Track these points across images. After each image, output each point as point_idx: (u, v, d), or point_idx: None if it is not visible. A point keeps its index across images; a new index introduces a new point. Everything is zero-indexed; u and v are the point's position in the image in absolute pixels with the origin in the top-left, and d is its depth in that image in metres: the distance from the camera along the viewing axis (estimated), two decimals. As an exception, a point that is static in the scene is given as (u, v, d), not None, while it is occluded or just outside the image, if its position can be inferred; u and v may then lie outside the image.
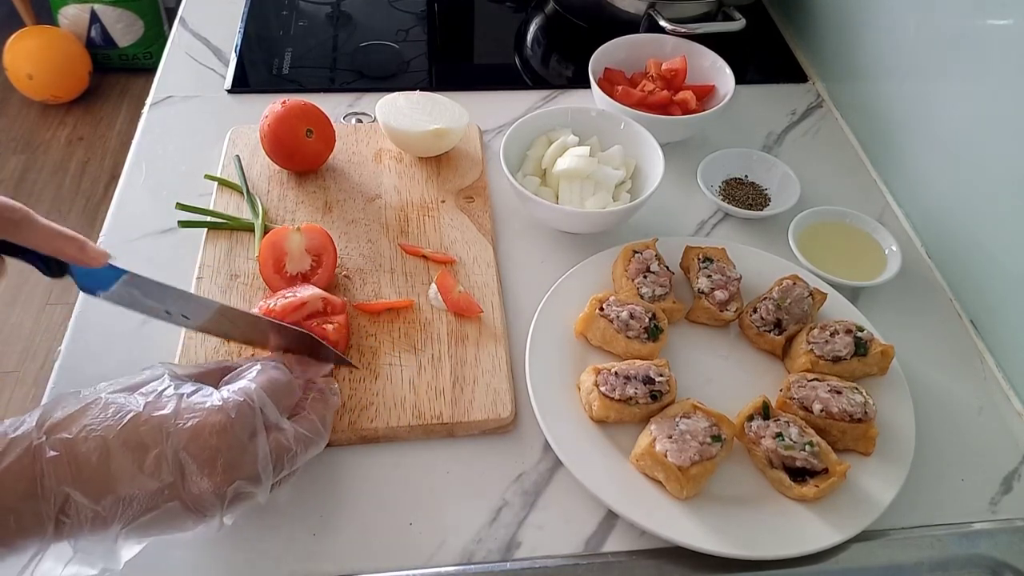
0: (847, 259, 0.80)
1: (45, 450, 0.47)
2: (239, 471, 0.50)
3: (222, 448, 0.49)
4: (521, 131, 0.83)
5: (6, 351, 1.84)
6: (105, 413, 0.49)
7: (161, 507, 0.48)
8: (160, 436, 0.48)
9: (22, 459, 0.46)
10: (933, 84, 0.83)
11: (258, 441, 0.51)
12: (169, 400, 0.50)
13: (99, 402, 0.50)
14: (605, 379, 0.65)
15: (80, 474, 0.47)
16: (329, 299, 0.69)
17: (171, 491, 0.48)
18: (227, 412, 0.50)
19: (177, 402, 0.50)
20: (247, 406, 0.51)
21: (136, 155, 0.89)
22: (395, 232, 0.81)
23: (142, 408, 0.49)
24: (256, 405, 0.52)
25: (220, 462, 0.49)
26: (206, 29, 1.08)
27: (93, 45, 2.45)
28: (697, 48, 0.96)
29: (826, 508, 0.61)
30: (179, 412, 0.50)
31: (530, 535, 0.61)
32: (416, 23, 1.13)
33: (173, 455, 0.48)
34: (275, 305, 0.66)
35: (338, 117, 0.95)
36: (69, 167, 2.29)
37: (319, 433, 0.57)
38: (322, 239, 0.74)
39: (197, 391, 0.52)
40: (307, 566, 0.59)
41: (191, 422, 0.49)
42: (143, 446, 0.48)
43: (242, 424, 0.51)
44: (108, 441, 0.48)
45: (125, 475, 0.47)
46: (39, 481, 0.46)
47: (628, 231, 0.83)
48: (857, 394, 0.65)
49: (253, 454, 0.51)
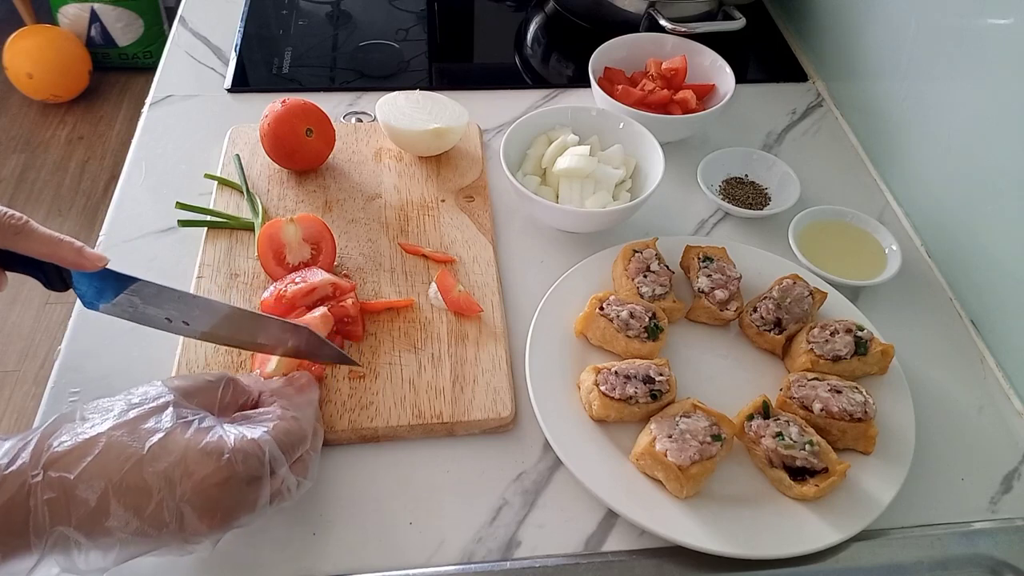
0: (847, 258, 0.80)
1: (43, 490, 0.46)
2: (236, 517, 0.50)
3: (224, 499, 0.49)
4: (521, 130, 0.83)
5: (6, 350, 1.84)
6: (108, 454, 0.47)
7: (155, 548, 0.48)
8: (164, 484, 0.47)
9: (15, 497, 0.45)
10: (933, 83, 0.83)
11: (260, 488, 0.51)
12: (177, 446, 0.49)
13: (100, 440, 0.48)
14: (605, 378, 0.65)
15: (77, 514, 0.46)
16: (338, 283, 0.70)
17: (168, 534, 0.48)
18: (234, 465, 0.49)
19: (184, 448, 0.49)
20: (256, 458, 0.50)
21: (136, 154, 0.89)
22: (395, 231, 0.81)
23: (146, 451, 0.48)
24: (265, 456, 0.51)
25: (220, 511, 0.49)
26: (206, 28, 1.08)
27: (93, 44, 2.45)
28: (697, 47, 0.96)
29: (826, 507, 0.61)
30: (186, 460, 0.48)
31: (530, 534, 0.61)
32: (416, 22, 1.13)
33: (175, 506, 0.48)
34: (286, 290, 0.67)
35: (338, 116, 0.95)
36: (69, 166, 2.29)
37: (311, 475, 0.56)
38: (318, 227, 0.74)
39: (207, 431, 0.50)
40: (307, 565, 0.59)
41: (198, 473, 0.48)
42: (146, 492, 0.47)
43: (247, 473, 0.50)
44: (110, 485, 0.47)
45: (124, 520, 0.47)
46: (31, 518, 0.45)
47: (628, 230, 0.83)
48: (857, 393, 0.65)
49: (253, 501, 0.50)
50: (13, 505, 0.45)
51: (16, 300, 1.92)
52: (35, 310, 1.91)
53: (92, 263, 0.56)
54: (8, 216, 0.53)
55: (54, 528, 0.46)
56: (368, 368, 0.68)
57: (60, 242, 0.55)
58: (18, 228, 0.53)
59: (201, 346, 0.69)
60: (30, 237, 0.54)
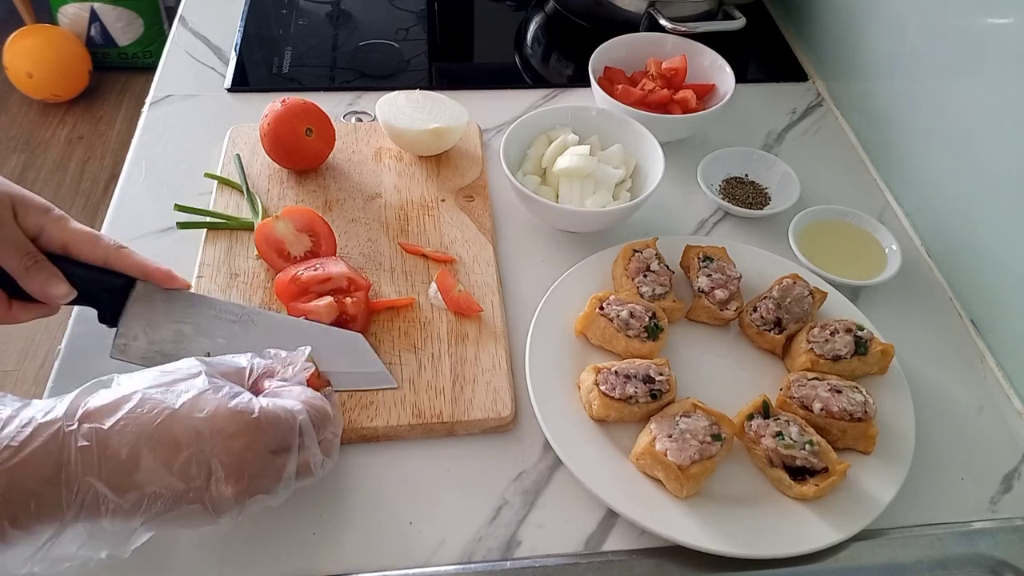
0: (847, 258, 0.80)
1: (76, 438, 0.47)
2: (263, 484, 0.50)
3: (252, 459, 0.49)
4: (521, 130, 0.83)
5: (6, 349, 1.84)
6: (142, 408, 0.48)
7: (182, 508, 0.48)
8: (194, 438, 0.48)
9: (48, 445, 0.46)
10: (934, 83, 0.83)
11: (288, 458, 0.51)
12: (208, 403, 0.50)
13: (135, 396, 0.49)
14: (605, 378, 0.65)
15: (108, 467, 0.47)
16: (355, 279, 0.70)
17: (195, 494, 0.48)
18: (263, 426, 0.50)
19: (216, 406, 0.49)
20: (287, 424, 0.51)
21: (136, 154, 0.89)
22: (395, 231, 0.81)
23: (179, 406, 0.49)
24: (297, 425, 0.51)
25: (247, 472, 0.49)
26: (206, 28, 1.08)
27: (93, 44, 2.45)
28: (697, 47, 0.96)
29: (826, 507, 0.61)
30: (217, 416, 0.49)
31: (530, 534, 0.61)
32: (416, 22, 1.13)
33: (204, 460, 0.48)
34: (302, 274, 0.69)
35: (338, 116, 0.94)
36: (69, 166, 2.29)
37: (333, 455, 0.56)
38: (307, 216, 0.75)
39: (237, 395, 0.51)
40: (307, 565, 0.59)
41: (228, 430, 0.49)
42: (177, 445, 0.48)
43: (275, 439, 0.50)
44: (141, 437, 0.47)
45: (153, 473, 0.47)
46: (64, 468, 0.46)
47: (628, 230, 0.83)
48: (857, 393, 0.65)
49: (280, 469, 0.51)
50: (46, 453, 0.46)
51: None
52: (35, 310, 1.91)
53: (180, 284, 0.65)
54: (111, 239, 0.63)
55: (85, 477, 0.46)
56: (368, 368, 0.69)
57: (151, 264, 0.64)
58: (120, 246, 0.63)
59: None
60: (128, 256, 0.63)
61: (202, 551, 0.59)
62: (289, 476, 0.52)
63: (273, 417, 0.51)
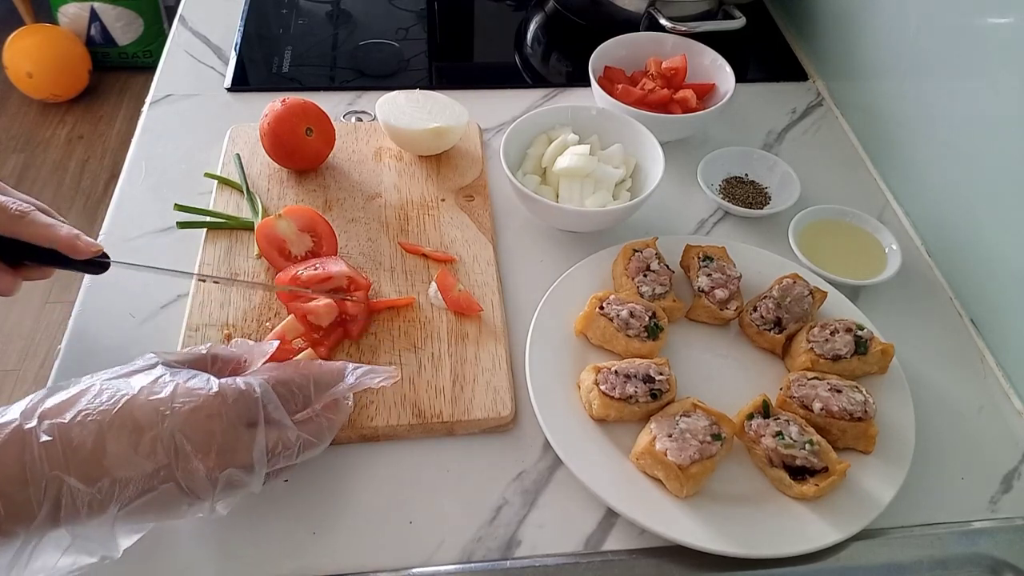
0: (847, 258, 0.80)
1: (38, 435, 0.46)
2: (233, 458, 0.50)
3: (217, 432, 0.50)
4: (521, 129, 0.83)
5: (6, 349, 1.84)
6: (100, 398, 0.49)
7: (156, 489, 0.49)
8: (156, 418, 0.48)
9: (9, 443, 0.46)
10: (934, 82, 0.83)
11: (256, 432, 0.52)
12: (166, 385, 0.50)
13: (93, 388, 0.50)
14: (605, 377, 0.65)
15: (74, 458, 0.47)
16: (355, 279, 0.70)
17: (166, 473, 0.48)
18: (224, 398, 0.51)
19: (174, 386, 0.50)
20: (248, 395, 0.52)
21: (136, 154, 0.89)
22: (395, 230, 0.81)
23: (137, 391, 0.49)
24: (259, 396, 0.52)
25: (215, 446, 0.50)
26: (206, 27, 1.08)
27: (93, 43, 2.45)
28: (697, 46, 0.96)
29: (826, 507, 0.61)
30: (175, 395, 0.50)
31: (530, 534, 0.61)
32: (416, 21, 1.13)
33: (168, 437, 0.48)
34: (302, 273, 0.69)
35: (338, 115, 0.94)
36: (69, 166, 2.29)
37: (322, 438, 0.56)
38: (308, 216, 0.75)
39: (194, 377, 0.52)
40: (307, 564, 0.59)
41: (188, 405, 0.49)
42: (139, 428, 0.48)
43: (239, 411, 0.51)
44: (103, 424, 0.48)
45: (120, 457, 0.47)
46: (28, 467, 0.46)
47: (628, 230, 0.83)
48: (857, 393, 0.65)
49: (248, 443, 0.51)
50: (6, 452, 0.46)
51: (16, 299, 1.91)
52: (35, 309, 1.91)
53: (86, 250, 0.59)
54: (14, 204, 0.56)
55: (52, 472, 0.46)
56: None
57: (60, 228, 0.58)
58: (22, 214, 0.57)
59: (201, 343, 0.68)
60: (32, 224, 0.57)
61: (201, 551, 0.59)
62: (260, 450, 0.51)
63: (234, 390, 0.51)
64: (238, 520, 0.60)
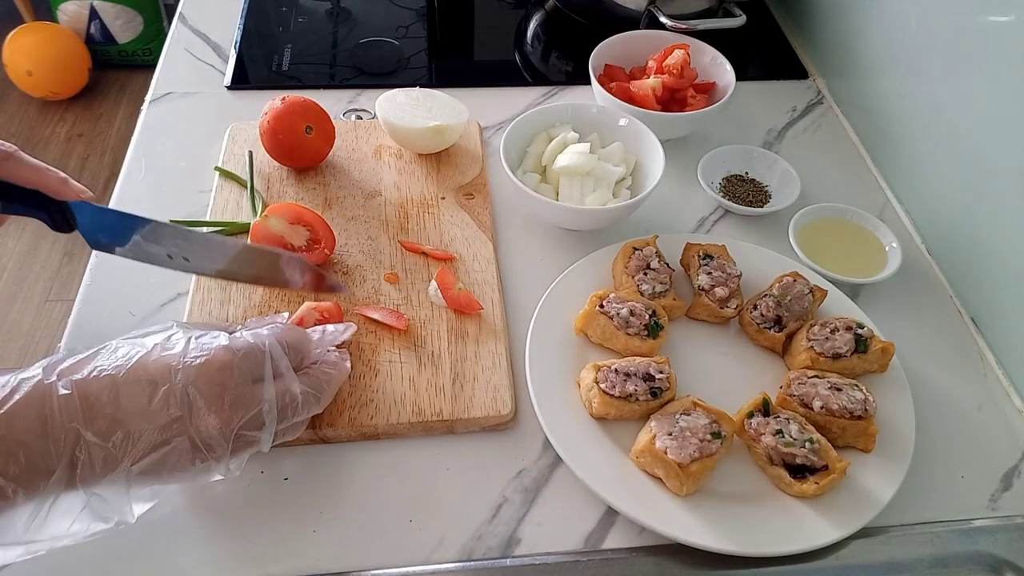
0: (847, 256, 0.80)
1: (57, 388, 0.48)
2: (245, 411, 0.52)
3: (228, 385, 0.51)
4: (521, 128, 0.83)
5: (6, 347, 1.84)
6: (115, 355, 0.50)
7: (170, 442, 0.49)
8: (169, 373, 0.50)
9: (31, 396, 0.47)
10: (934, 81, 0.83)
11: (264, 386, 0.53)
12: (178, 341, 0.52)
13: (109, 347, 0.51)
14: (605, 376, 0.65)
15: (91, 411, 0.48)
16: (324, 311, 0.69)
17: (179, 426, 0.50)
18: (234, 351, 0.52)
19: (186, 343, 0.52)
20: (257, 349, 0.53)
21: (136, 152, 0.89)
22: (395, 229, 0.80)
23: (151, 348, 0.51)
24: (267, 350, 0.53)
25: (227, 399, 0.51)
26: (205, 25, 1.07)
27: (92, 41, 2.45)
28: (698, 44, 0.95)
29: (826, 505, 0.61)
30: (187, 351, 0.51)
31: (530, 532, 0.61)
32: (416, 19, 1.12)
33: (181, 390, 0.50)
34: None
35: (338, 113, 0.94)
36: (69, 164, 2.29)
37: (323, 391, 0.58)
38: (293, 209, 0.75)
39: (206, 334, 0.53)
40: (307, 563, 0.59)
41: (199, 359, 0.51)
42: (152, 382, 0.49)
43: (249, 365, 0.52)
44: (118, 379, 0.49)
45: (134, 410, 0.49)
46: (49, 419, 0.47)
47: (628, 228, 0.83)
48: (857, 391, 0.65)
49: (259, 397, 0.52)
50: (29, 405, 0.47)
51: (16, 297, 1.92)
52: (35, 307, 1.91)
53: (75, 193, 0.59)
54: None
55: (70, 424, 0.47)
56: (368, 366, 0.68)
57: (47, 170, 0.57)
58: (6, 154, 0.55)
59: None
60: (18, 164, 0.56)
61: (203, 547, 0.59)
62: (270, 403, 0.53)
63: (244, 344, 0.53)
64: (238, 518, 0.60)
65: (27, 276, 1.95)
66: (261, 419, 0.52)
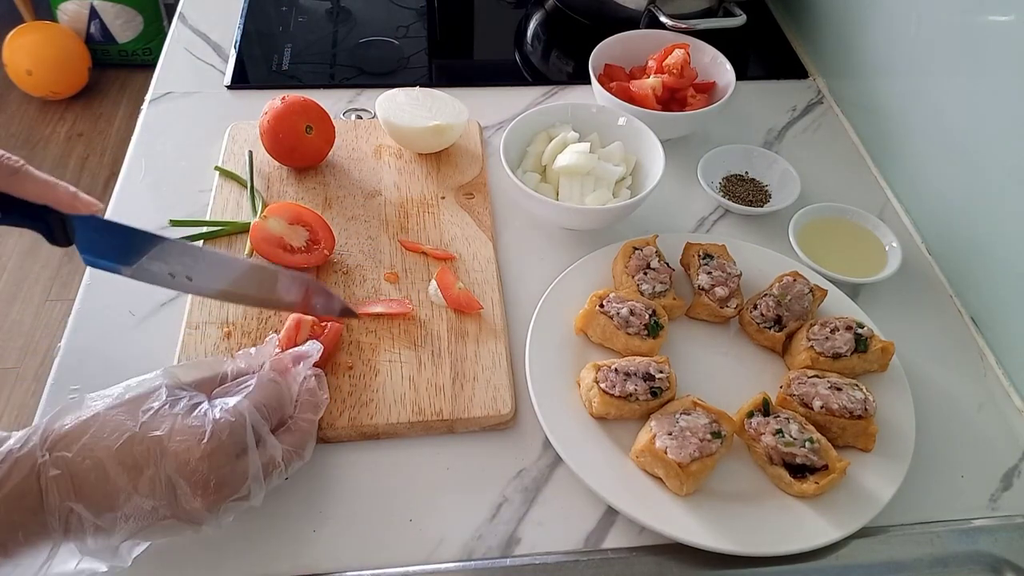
0: (847, 255, 0.80)
1: (48, 468, 0.49)
2: (230, 489, 0.52)
3: (212, 471, 0.51)
4: (521, 127, 0.83)
5: (6, 347, 1.84)
6: (102, 432, 0.50)
7: (158, 523, 0.51)
8: (153, 458, 0.50)
9: (28, 478, 0.48)
10: (934, 80, 0.83)
11: (248, 459, 0.53)
12: (164, 420, 0.52)
13: (97, 419, 0.51)
14: (605, 376, 0.65)
15: (81, 490, 0.49)
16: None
17: (165, 509, 0.50)
18: (218, 435, 0.52)
19: (171, 423, 0.51)
20: (239, 425, 0.53)
21: (135, 151, 0.89)
22: (395, 228, 0.80)
23: (138, 428, 0.51)
24: (248, 423, 0.53)
25: (212, 483, 0.51)
26: (205, 25, 1.07)
27: (92, 41, 2.45)
28: (698, 44, 0.95)
29: (826, 504, 0.61)
30: (172, 434, 0.51)
31: (530, 531, 0.61)
32: (416, 19, 1.12)
33: (165, 478, 0.50)
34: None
35: (338, 113, 0.94)
36: (68, 163, 2.29)
37: (305, 445, 0.58)
38: (292, 209, 0.76)
39: (193, 409, 0.53)
40: (307, 562, 0.59)
41: (183, 445, 0.51)
42: (137, 467, 0.50)
43: (232, 444, 0.52)
44: (105, 461, 0.50)
45: (122, 494, 0.49)
46: (43, 497, 0.48)
47: (628, 227, 0.83)
48: (857, 391, 0.65)
49: (243, 472, 0.52)
50: (26, 485, 0.48)
51: (16, 297, 1.92)
52: (35, 307, 1.91)
53: (86, 207, 0.57)
54: (5, 157, 0.53)
55: (64, 502, 0.48)
56: (368, 365, 0.68)
57: (56, 185, 0.55)
58: (14, 169, 0.53)
59: (201, 344, 0.69)
60: (26, 179, 0.54)
61: (204, 550, 0.59)
62: (256, 474, 0.53)
63: (224, 424, 0.52)
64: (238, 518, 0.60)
65: (27, 276, 1.95)
66: (247, 492, 0.53)
